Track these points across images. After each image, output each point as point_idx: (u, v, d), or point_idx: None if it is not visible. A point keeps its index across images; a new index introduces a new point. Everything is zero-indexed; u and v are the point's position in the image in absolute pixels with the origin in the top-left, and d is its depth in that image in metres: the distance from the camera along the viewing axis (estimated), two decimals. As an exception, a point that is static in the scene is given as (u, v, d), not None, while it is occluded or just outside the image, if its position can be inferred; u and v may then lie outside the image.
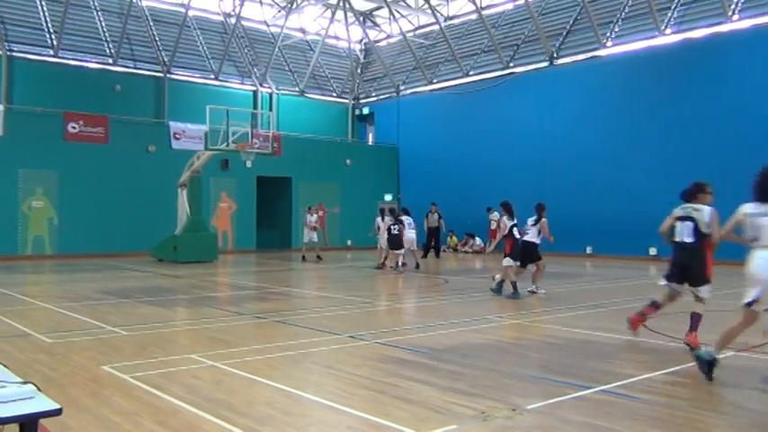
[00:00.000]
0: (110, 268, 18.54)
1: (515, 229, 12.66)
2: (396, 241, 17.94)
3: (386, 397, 5.55)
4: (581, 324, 9.32)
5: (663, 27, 22.91)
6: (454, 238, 28.02)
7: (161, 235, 21.46)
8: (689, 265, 7.47)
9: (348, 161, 30.06)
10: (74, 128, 23.15)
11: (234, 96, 28.35)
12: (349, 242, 28.66)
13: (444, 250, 25.91)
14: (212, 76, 28.96)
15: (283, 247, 27.34)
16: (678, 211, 7.64)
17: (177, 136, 25.39)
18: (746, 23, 20.92)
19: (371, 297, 13.41)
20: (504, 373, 6.49)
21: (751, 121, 19.90)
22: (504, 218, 12.89)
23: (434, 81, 30.61)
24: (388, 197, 30.75)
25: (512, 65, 27.50)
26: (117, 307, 10.94)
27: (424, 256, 23.26)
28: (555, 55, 25.98)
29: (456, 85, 29.48)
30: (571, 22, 26.22)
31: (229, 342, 8.01)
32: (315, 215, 21.78)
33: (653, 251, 21.81)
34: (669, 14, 23.13)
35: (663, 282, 7.85)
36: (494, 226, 26.55)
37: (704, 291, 7.44)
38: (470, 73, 29.06)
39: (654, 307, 7.93)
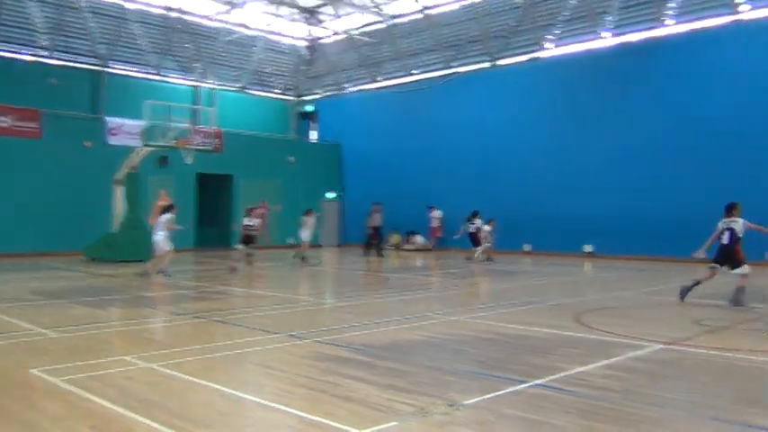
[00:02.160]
0: (42, 268, 17.93)
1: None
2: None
3: (326, 396, 5.55)
4: (517, 320, 9.51)
5: (601, 31, 23.53)
6: (396, 236, 28.16)
7: (96, 233, 20.85)
8: (729, 257, 10.84)
9: (291, 158, 29.85)
10: (4, 122, 22.27)
11: (174, 92, 27.77)
12: (291, 240, 28.47)
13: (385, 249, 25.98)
14: (152, 71, 28.30)
15: (224, 245, 26.95)
16: (722, 225, 11.07)
17: (114, 131, 24.72)
18: (681, 28, 21.67)
19: (312, 296, 13.37)
20: (443, 369, 6.57)
21: (686, 122, 20.63)
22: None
23: (379, 79, 30.68)
24: (330, 195, 30.69)
25: (455, 64, 27.78)
26: (48, 308, 10.58)
27: (374, 254, 23.34)
28: (497, 56, 26.38)
29: (400, 83, 29.62)
30: (513, 24, 26.65)
31: (166, 343, 7.85)
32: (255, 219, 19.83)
33: (588, 248, 22.41)
34: (607, 18, 23.76)
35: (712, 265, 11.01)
36: (435, 224, 26.86)
37: (743, 269, 10.80)
38: (414, 72, 29.24)
39: (697, 282, 11.12)
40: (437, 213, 26.76)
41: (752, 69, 19.57)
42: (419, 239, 27.40)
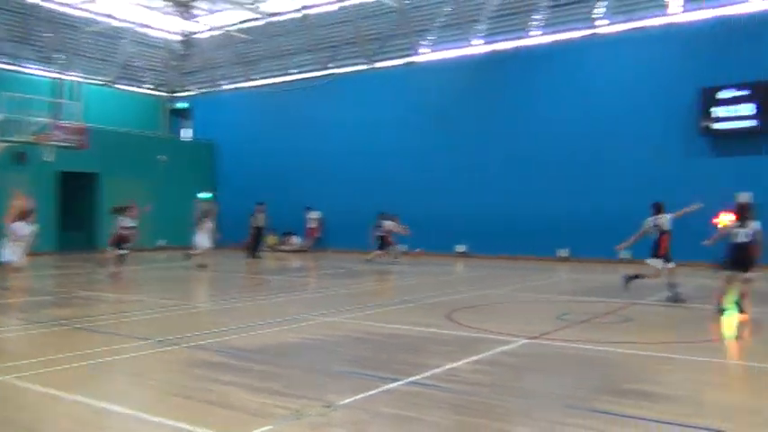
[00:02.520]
0: None
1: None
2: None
3: (198, 403, 5.41)
4: (392, 319, 9.68)
5: (473, 38, 24.42)
6: (273, 237, 27.85)
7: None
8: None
9: (162, 157, 28.70)
10: None
11: (33, 84, 25.91)
12: (162, 242, 27.40)
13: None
14: (7, 61, 26.28)
15: (89, 248, 25.50)
16: (650, 222, 11.58)
17: (-36, 125, 22.73)
18: (548, 39, 22.90)
19: (185, 299, 12.96)
20: (318, 370, 6.58)
21: (553, 129, 21.82)
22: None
23: (255, 77, 30.19)
24: (203, 195, 29.82)
25: (331, 66, 27.86)
26: None
27: (251, 255, 22.90)
28: (373, 58, 26.72)
29: (277, 82, 29.30)
30: (389, 28, 27.09)
31: (20, 353, 7.34)
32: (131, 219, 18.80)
33: (461, 248, 23.19)
34: (479, 27, 24.70)
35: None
36: (312, 224, 26.80)
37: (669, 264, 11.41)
38: (291, 71, 29.04)
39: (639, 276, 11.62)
40: (314, 214, 26.71)
41: (608, 80, 21.03)
42: (296, 240, 27.23)
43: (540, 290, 13.77)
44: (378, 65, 26.64)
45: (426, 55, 25.53)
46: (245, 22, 29.91)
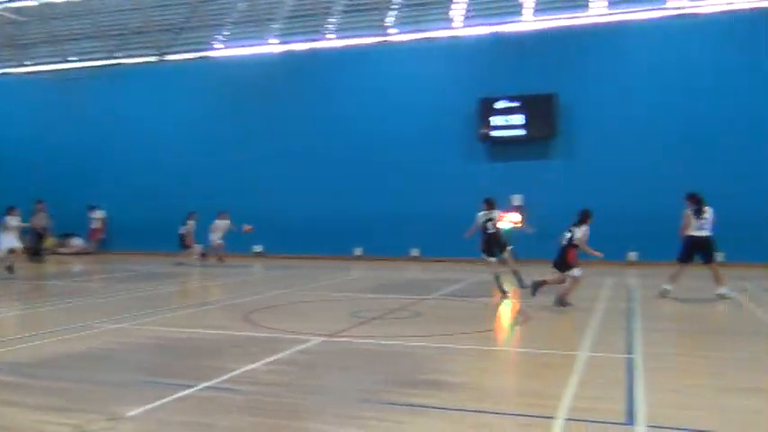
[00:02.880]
0: None
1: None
2: None
3: (-41, 426, 4.79)
4: (187, 323, 9.35)
5: (269, 37, 24.29)
6: (51, 238, 25.49)
7: None
8: (496, 243, 12.35)
9: None
10: None
11: None
12: None
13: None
14: None
15: None
16: (482, 217, 12.28)
17: None
18: (341, 43, 23.42)
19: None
20: (105, 381, 6.15)
21: (347, 131, 22.34)
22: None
23: (28, 63, 27.39)
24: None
25: (119, 55, 26.15)
26: None
27: (33, 259, 20.75)
28: (165, 50, 25.52)
29: (55, 69, 26.84)
30: (181, 20, 26.04)
31: None
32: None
33: (258, 248, 22.99)
34: (274, 26, 24.62)
35: None
36: (96, 225, 24.95)
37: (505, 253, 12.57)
38: (72, 59, 26.77)
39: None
40: (98, 214, 24.89)
41: (398, 86, 22.06)
42: (77, 242, 25.17)
43: (336, 288, 14.08)
44: (170, 57, 25.50)
45: (221, 50, 24.94)
46: (15, 0, 27.09)
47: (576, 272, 10.72)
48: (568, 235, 10.91)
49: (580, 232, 10.88)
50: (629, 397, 5.47)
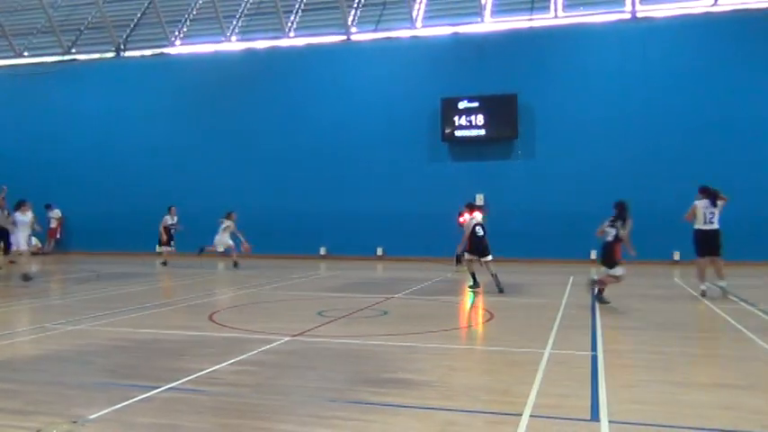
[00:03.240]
0: None
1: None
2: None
3: None
4: (149, 324, 9.19)
5: (228, 34, 24.03)
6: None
7: None
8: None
9: None
10: None
11: None
12: None
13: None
14: None
15: None
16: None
17: None
18: (301, 41, 23.32)
19: None
20: (66, 383, 6.00)
21: (311, 130, 22.26)
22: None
23: (-22, 58, 26.65)
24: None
25: (74, 51, 25.58)
26: None
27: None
28: (122, 46, 25.05)
29: (8, 65, 26.12)
30: (139, 15, 25.60)
31: None
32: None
33: (204, 248, 22.72)
34: (234, 23, 24.37)
35: None
36: (53, 224, 24.36)
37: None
38: (26, 54, 26.09)
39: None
40: (55, 213, 24.31)
41: (362, 85, 22.05)
42: (33, 242, 24.47)
43: (302, 287, 14.02)
44: (127, 53, 25.06)
45: (180, 47, 24.59)
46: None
47: (619, 270, 10.74)
48: (613, 231, 10.78)
49: (627, 227, 10.83)
50: (594, 393, 5.56)
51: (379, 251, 21.36)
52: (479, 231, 12.94)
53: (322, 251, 21.88)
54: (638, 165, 19.49)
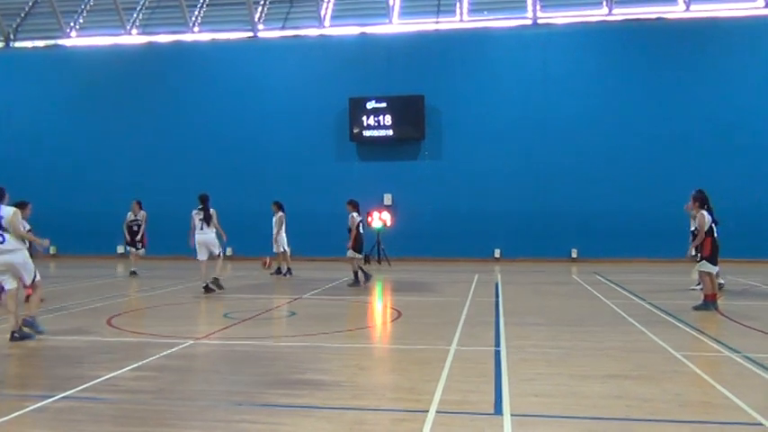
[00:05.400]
0: None
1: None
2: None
3: None
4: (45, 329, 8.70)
5: (129, 27, 23.14)
6: None
7: None
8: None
9: None
10: None
11: None
12: None
13: None
14: None
15: None
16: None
17: None
18: (206, 36, 22.77)
19: None
20: (-53, 396, 5.60)
21: (214, 127, 21.75)
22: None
23: None
24: None
25: (-43, 40, 23.96)
26: None
27: None
28: (12, 36, 23.64)
29: None
30: (30, 4, 24.24)
31: None
32: None
33: (120, 249, 21.88)
34: (134, 15, 23.49)
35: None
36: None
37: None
38: None
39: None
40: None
41: (269, 83, 21.76)
42: None
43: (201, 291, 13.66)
44: (18, 44, 23.68)
45: (76, 39, 23.47)
46: None
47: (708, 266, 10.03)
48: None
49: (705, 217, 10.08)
50: (497, 388, 5.73)
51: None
52: (360, 229, 13.91)
53: (228, 251, 21.42)
54: (538, 165, 20.26)
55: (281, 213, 16.14)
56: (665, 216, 17.06)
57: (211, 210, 12.92)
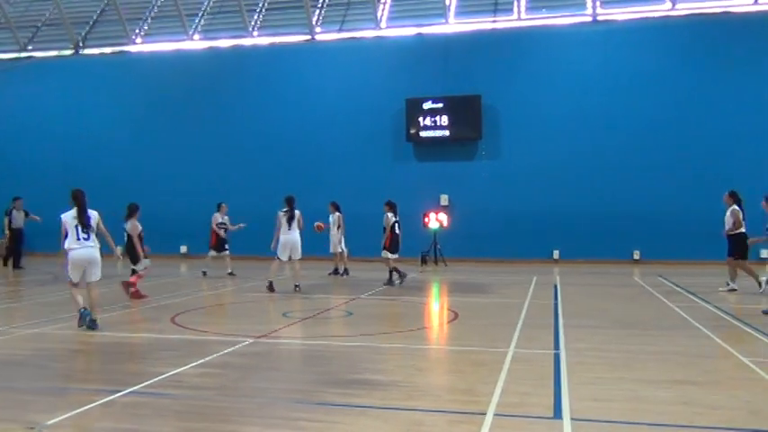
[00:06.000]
0: None
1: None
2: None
3: None
4: (110, 326, 8.99)
5: (191, 32, 23.72)
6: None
7: None
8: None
9: None
10: None
11: None
12: None
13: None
14: None
15: None
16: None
17: None
18: (265, 40, 23.15)
19: None
20: (22, 389, 5.85)
21: (272, 130, 22.09)
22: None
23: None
24: None
25: (31, 48, 24.99)
26: None
27: (5, 263, 19.27)
28: (81, 44, 24.56)
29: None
30: (98, 12, 25.13)
31: None
32: None
33: (183, 249, 22.47)
34: (197, 21, 24.07)
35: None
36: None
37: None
38: (-22, 51, 25.44)
39: None
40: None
41: (326, 85, 21.97)
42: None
43: (263, 289, 13.89)
44: (86, 51, 24.57)
45: (141, 45, 24.20)
46: None
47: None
48: None
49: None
50: (557, 391, 5.63)
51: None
52: (396, 229, 14.30)
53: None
54: (599, 165, 19.82)
55: (338, 214, 16.35)
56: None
57: (296, 211, 13.09)
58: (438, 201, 20.77)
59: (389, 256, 14.27)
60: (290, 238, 13.04)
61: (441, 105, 20.79)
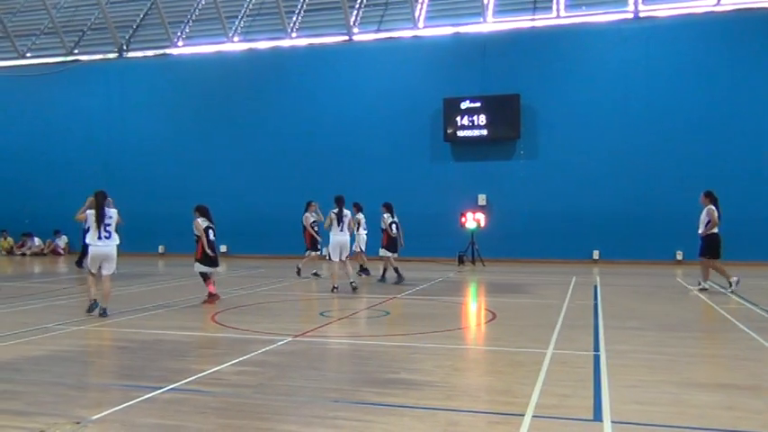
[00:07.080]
0: None
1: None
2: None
3: None
4: (152, 324, 9.20)
5: (231, 34, 24.04)
6: (9, 239, 24.92)
7: None
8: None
9: None
10: None
11: None
12: None
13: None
14: None
15: None
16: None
17: None
18: (303, 42, 23.35)
19: None
20: (68, 384, 6.01)
21: (310, 130, 22.28)
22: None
23: (-19, 59, 26.71)
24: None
25: (77, 52, 25.62)
26: None
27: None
28: (125, 47, 25.09)
29: (11, 66, 26.17)
30: (141, 16, 25.64)
31: None
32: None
33: (222, 248, 22.75)
34: (236, 23, 24.38)
35: None
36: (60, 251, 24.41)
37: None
38: (29, 55, 26.14)
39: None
40: (62, 239, 24.36)
41: (363, 85, 22.05)
42: (36, 242, 24.60)
43: (304, 288, 14.03)
44: (129, 54, 25.11)
45: (182, 48, 24.62)
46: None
47: None
48: None
49: None
50: (596, 393, 5.56)
51: (380, 251, 21.33)
52: (393, 230, 14.69)
53: (324, 252, 21.86)
54: (640, 164, 19.48)
55: (359, 215, 16.17)
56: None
57: (345, 211, 13.17)
58: (476, 200, 20.67)
59: (388, 254, 14.71)
60: (340, 239, 13.03)
61: (478, 105, 20.70)
